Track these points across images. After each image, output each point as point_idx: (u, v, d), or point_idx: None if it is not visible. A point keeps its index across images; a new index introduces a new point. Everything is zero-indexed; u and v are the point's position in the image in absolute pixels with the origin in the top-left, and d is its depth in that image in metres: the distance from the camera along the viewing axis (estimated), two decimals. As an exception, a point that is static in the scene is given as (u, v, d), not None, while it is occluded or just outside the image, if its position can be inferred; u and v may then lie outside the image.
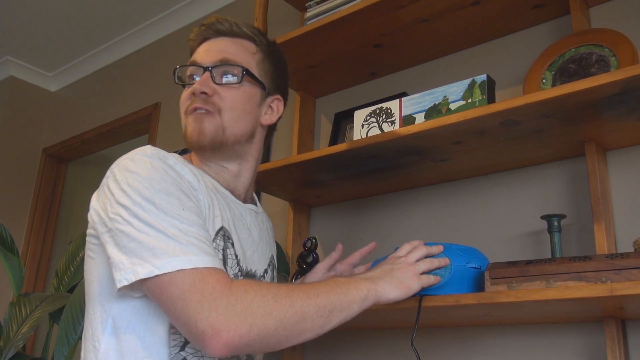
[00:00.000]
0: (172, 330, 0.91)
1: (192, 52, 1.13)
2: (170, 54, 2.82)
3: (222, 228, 1.01)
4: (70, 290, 2.00)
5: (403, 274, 1.04)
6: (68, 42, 3.14)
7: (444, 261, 1.10)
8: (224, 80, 1.06)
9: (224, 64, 1.07)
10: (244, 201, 1.13)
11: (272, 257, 1.20)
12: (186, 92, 1.08)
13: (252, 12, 1.81)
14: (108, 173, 0.95)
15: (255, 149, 1.13)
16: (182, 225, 0.87)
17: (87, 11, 2.86)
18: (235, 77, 1.07)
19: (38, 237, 3.21)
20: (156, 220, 0.86)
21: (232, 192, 1.10)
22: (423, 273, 1.08)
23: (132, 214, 0.87)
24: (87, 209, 0.99)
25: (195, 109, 1.05)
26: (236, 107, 1.07)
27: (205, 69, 1.06)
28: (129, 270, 0.85)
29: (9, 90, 3.34)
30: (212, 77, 1.05)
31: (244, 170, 1.12)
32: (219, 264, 0.87)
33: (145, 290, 0.87)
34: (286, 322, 0.85)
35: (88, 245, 0.99)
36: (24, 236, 3.19)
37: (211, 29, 1.11)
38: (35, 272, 3.14)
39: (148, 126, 2.79)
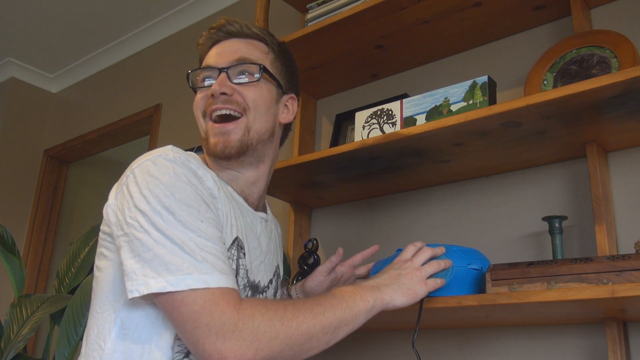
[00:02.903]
0: (177, 336, 0.91)
1: (202, 56, 1.12)
2: (171, 55, 2.82)
3: (237, 238, 1.00)
4: (72, 292, 2.00)
5: (410, 280, 1.04)
6: (69, 44, 3.14)
7: (447, 263, 1.10)
8: (242, 79, 1.06)
9: (241, 63, 1.06)
10: (256, 209, 1.12)
11: (277, 266, 1.19)
12: (200, 95, 1.07)
13: (253, 14, 1.82)
14: (129, 172, 0.94)
15: (273, 149, 1.13)
16: (199, 239, 0.87)
17: (89, 13, 2.87)
18: (253, 75, 1.06)
19: (39, 238, 3.21)
20: (174, 231, 0.86)
21: (246, 199, 1.09)
22: (428, 276, 1.08)
23: (150, 222, 0.86)
24: (89, 209, 0.98)
25: (215, 111, 1.03)
26: (259, 104, 1.06)
27: (221, 70, 1.05)
28: (142, 282, 0.84)
29: (10, 92, 3.34)
30: (229, 77, 1.04)
31: (261, 175, 1.11)
32: (231, 283, 0.87)
33: (156, 302, 0.87)
34: (292, 343, 0.86)
35: (102, 242, 0.98)
36: (25, 237, 3.19)
37: (222, 31, 1.10)
38: (36, 273, 3.15)
39: (149, 127, 2.79)
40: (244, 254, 1.02)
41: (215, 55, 1.08)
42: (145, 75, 2.94)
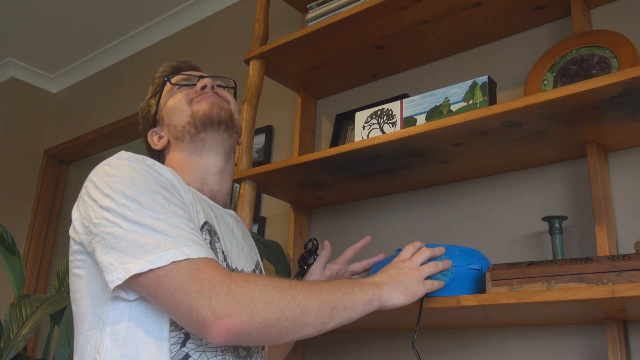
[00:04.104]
0: (171, 327, 0.90)
1: (157, 84, 1.20)
2: (172, 55, 2.82)
3: (206, 222, 1.01)
4: (71, 292, 2.00)
5: (408, 279, 1.04)
6: (69, 44, 3.14)
7: (447, 264, 1.10)
8: (221, 84, 1.21)
9: (219, 76, 1.20)
10: (224, 206, 1.15)
11: (258, 261, 1.19)
12: (184, 92, 1.15)
13: (253, 14, 1.82)
14: (86, 183, 0.96)
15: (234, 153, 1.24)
16: (169, 219, 0.87)
17: (89, 13, 2.87)
18: (229, 86, 1.23)
19: (39, 238, 3.21)
20: (143, 217, 0.86)
21: (214, 198, 1.12)
22: (427, 277, 1.08)
23: (118, 215, 0.86)
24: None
25: (208, 97, 1.13)
26: (234, 103, 1.18)
27: (201, 77, 1.16)
28: (121, 269, 0.84)
29: (10, 92, 3.34)
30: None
31: (229, 170, 1.16)
32: (212, 255, 0.87)
33: (140, 289, 0.86)
34: (288, 313, 0.85)
35: (73, 264, 0.97)
36: (25, 237, 3.19)
37: (185, 64, 1.22)
38: (36, 273, 3.15)
39: (149, 128, 2.79)
40: (218, 238, 1.02)
41: (191, 72, 1.20)
42: (145, 75, 2.93)
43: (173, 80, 1.17)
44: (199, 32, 2.72)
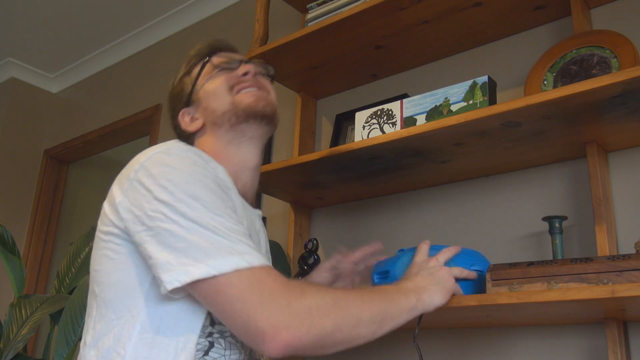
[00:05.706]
0: (200, 334, 0.89)
1: (193, 62, 1.15)
2: (171, 55, 2.82)
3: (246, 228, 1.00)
4: (72, 292, 2.00)
5: (442, 278, 1.04)
6: (69, 44, 3.14)
7: (471, 274, 1.10)
8: (262, 73, 1.14)
9: (261, 63, 1.14)
10: (251, 204, 1.12)
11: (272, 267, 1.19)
12: (224, 75, 1.09)
13: (254, 14, 1.82)
14: (137, 167, 0.89)
15: None
16: (228, 223, 0.84)
17: (89, 13, 2.87)
18: (269, 74, 1.16)
19: (39, 238, 3.21)
20: (203, 218, 0.83)
21: (244, 195, 1.08)
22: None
23: (176, 212, 0.83)
24: (89, 210, 0.97)
25: (246, 88, 1.07)
26: (274, 94, 1.13)
27: (242, 61, 1.11)
28: (180, 271, 0.81)
29: (10, 92, 3.34)
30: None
31: (260, 164, 1.12)
32: (269, 263, 0.86)
33: (196, 292, 0.83)
34: (343, 325, 0.84)
35: (104, 244, 0.92)
36: (25, 237, 3.19)
37: (224, 44, 1.16)
38: (36, 273, 3.15)
39: (149, 127, 2.79)
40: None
41: (231, 54, 1.14)
42: (145, 75, 2.94)
43: (214, 61, 1.12)
44: (199, 32, 2.72)
